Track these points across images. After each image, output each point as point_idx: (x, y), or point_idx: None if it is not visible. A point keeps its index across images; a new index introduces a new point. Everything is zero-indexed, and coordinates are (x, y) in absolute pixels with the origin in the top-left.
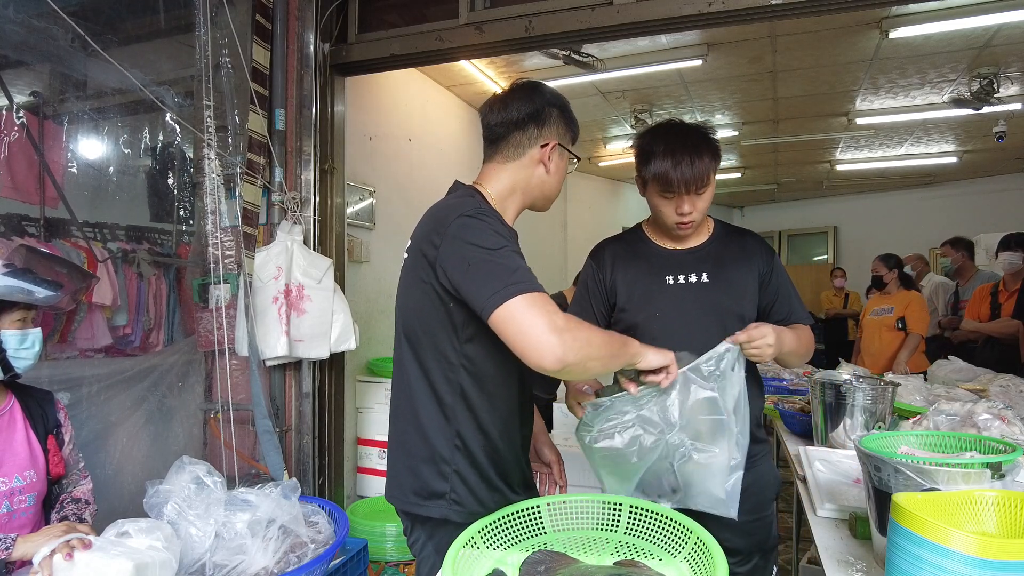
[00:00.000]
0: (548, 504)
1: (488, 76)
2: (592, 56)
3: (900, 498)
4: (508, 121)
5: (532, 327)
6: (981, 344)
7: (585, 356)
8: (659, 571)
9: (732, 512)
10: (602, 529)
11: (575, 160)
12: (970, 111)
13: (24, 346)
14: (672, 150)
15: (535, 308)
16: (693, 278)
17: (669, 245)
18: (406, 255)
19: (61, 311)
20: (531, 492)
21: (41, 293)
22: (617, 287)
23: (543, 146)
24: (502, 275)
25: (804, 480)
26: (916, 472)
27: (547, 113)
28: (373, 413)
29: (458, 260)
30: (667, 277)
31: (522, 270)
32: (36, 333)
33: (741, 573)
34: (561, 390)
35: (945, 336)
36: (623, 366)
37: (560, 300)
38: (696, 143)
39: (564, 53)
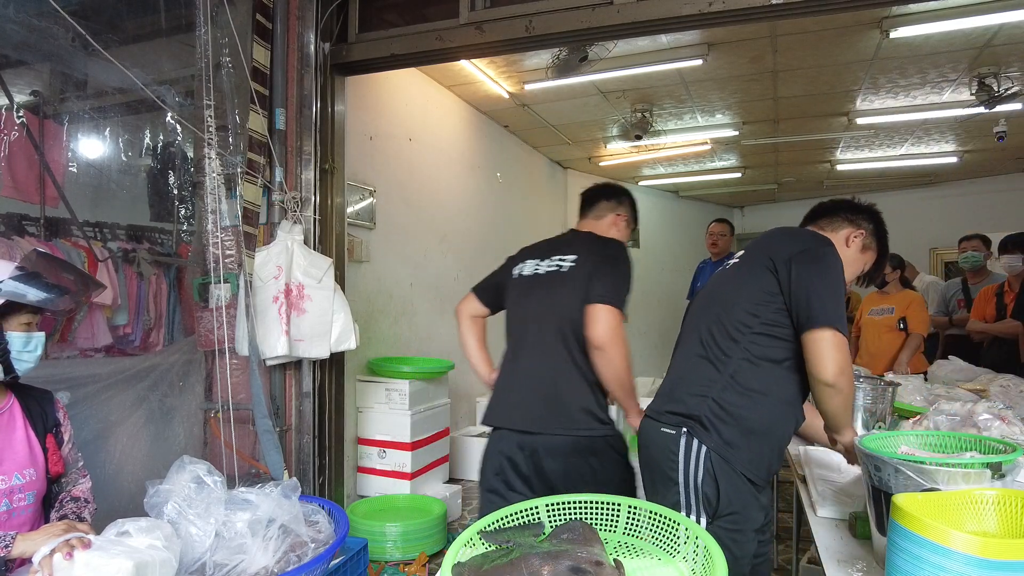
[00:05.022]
0: (548, 504)
1: (488, 76)
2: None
3: (900, 499)
4: (599, 194)
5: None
6: (987, 344)
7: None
8: (658, 571)
9: None
10: (602, 529)
11: (634, 227)
12: (971, 111)
13: (28, 348)
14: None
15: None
16: None
17: None
18: (563, 265)
19: (62, 313)
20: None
21: (52, 300)
22: None
23: (617, 215)
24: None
25: (804, 480)
26: (916, 472)
27: (624, 198)
28: (373, 413)
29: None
30: None
31: None
32: (40, 337)
33: None
34: None
35: (947, 334)
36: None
37: None
38: None
39: (579, 58)
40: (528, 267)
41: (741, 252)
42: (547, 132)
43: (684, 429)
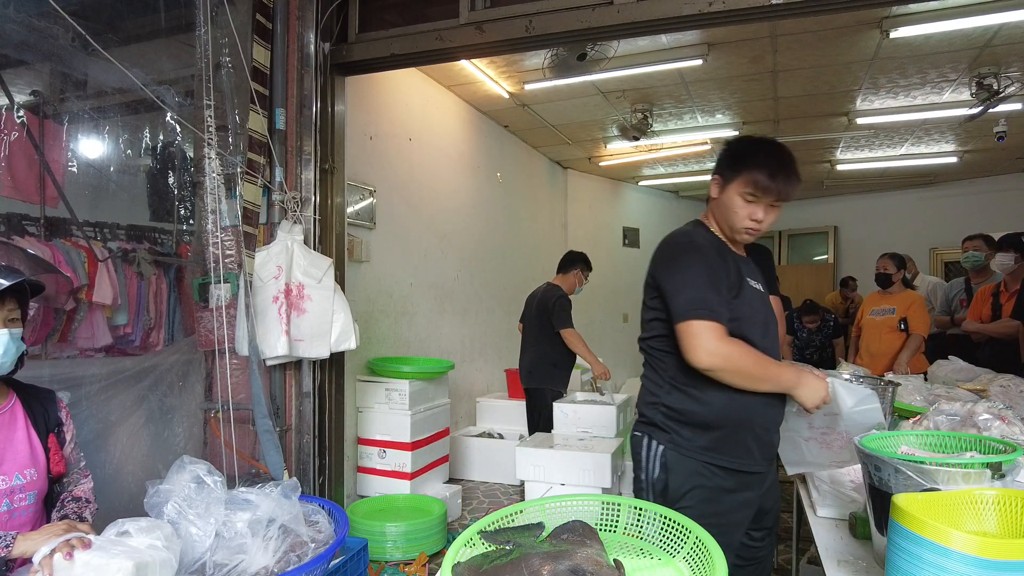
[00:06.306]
0: (548, 504)
1: (488, 76)
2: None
3: (900, 499)
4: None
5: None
6: (982, 344)
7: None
8: (658, 571)
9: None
10: (602, 529)
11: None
12: (972, 111)
13: None
14: (775, 159)
15: None
16: (759, 286)
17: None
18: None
19: (61, 308)
20: None
21: None
22: None
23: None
24: None
25: (804, 480)
26: (916, 472)
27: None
28: (373, 412)
29: None
30: (748, 280)
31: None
32: (1, 335)
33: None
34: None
35: (949, 334)
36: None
37: (558, 292)
38: (794, 167)
39: (576, 57)
40: None
41: None
42: (547, 132)
43: (645, 433)
